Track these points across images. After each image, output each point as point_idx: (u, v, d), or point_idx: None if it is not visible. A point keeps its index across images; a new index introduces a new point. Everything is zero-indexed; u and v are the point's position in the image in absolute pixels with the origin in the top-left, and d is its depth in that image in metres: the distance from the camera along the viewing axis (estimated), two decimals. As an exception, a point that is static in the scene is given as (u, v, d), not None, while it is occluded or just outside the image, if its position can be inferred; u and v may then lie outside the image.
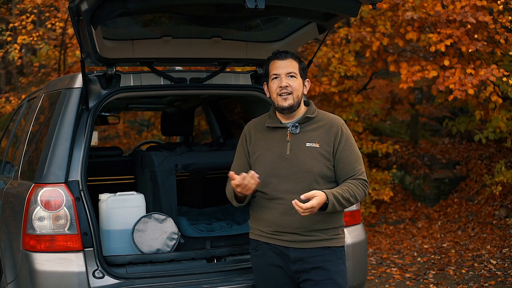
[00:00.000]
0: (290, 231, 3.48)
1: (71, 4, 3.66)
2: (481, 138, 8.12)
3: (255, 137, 3.64)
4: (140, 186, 4.68)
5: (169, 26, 4.28)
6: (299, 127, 3.52)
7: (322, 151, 3.47)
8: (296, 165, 3.45)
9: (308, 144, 3.48)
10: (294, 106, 3.51)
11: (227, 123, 6.20)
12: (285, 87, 3.47)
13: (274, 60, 3.54)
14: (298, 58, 3.57)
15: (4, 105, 10.68)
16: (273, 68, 3.53)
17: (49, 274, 3.65)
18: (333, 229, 3.52)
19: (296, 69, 3.52)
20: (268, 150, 3.55)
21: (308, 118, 3.53)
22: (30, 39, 9.96)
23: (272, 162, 3.51)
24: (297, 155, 3.47)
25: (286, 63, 3.51)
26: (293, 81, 3.50)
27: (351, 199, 3.42)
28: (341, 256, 3.56)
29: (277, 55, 3.55)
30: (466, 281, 6.77)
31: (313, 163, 3.44)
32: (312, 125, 3.53)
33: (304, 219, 3.41)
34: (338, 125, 3.52)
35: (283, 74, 3.50)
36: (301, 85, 3.55)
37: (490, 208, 9.19)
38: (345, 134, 3.52)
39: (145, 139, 10.91)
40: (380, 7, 7.62)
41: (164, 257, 4.02)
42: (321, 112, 3.62)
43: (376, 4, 3.84)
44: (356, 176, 3.49)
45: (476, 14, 7.43)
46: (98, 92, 4.12)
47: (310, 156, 3.45)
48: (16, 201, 4.06)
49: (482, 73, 7.34)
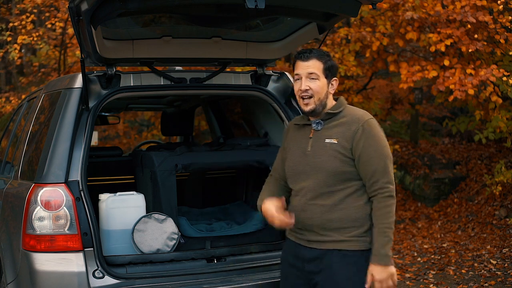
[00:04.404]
0: (307, 229, 3.41)
1: (71, 4, 3.66)
2: (481, 138, 8.12)
3: (289, 134, 3.61)
4: (140, 186, 4.68)
5: (169, 26, 4.27)
6: (321, 123, 3.42)
7: (339, 148, 3.33)
8: (313, 162, 3.38)
9: (327, 141, 3.37)
10: (317, 109, 3.40)
11: (227, 123, 6.19)
12: (305, 90, 3.39)
13: (297, 61, 3.44)
14: (323, 57, 3.41)
15: (4, 105, 10.68)
16: (295, 68, 3.44)
17: (49, 274, 3.64)
18: (349, 229, 3.31)
19: (319, 69, 3.39)
20: (295, 146, 3.51)
21: (330, 114, 3.42)
22: (30, 39, 9.97)
23: (296, 159, 3.47)
24: (316, 151, 3.39)
25: (308, 64, 3.39)
26: (314, 83, 3.38)
27: (391, 231, 3.23)
28: (355, 261, 3.29)
29: (299, 55, 3.43)
30: (466, 281, 6.77)
31: (327, 160, 3.34)
32: (335, 121, 3.41)
33: (319, 217, 3.33)
34: (360, 122, 3.34)
35: (304, 75, 3.40)
36: (323, 87, 3.40)
37: (490, 208, 9.19)
38: (367, 132, 3.32)
39: (145, 139, 10.91)
40: (380, 7, 7.62)
41: (164, 257, 4.02)
42: (349, 108, 3.46)
43: (376, 4, 3.84)
44: (375, 188, 3.28)
45: (476, 14, 7.44)
46: (98, 92, 4.12)
47: (327, 152, 3.35)
48: (16, 201, 4.06)
49: (482, 73, 7.35)
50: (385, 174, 3.29)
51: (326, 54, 3.44)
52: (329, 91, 3.45)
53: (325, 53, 3.45)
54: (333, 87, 3.47)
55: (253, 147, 4.65)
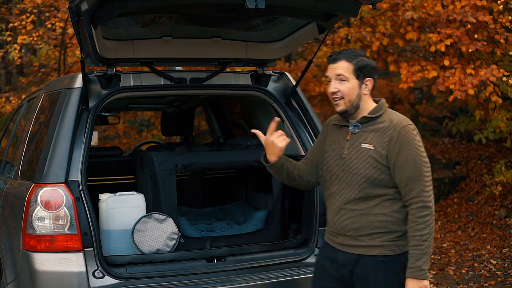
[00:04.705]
0: (341, 233, 3.35)
1: (71, 4, 3.66)
2: (481, 138, 8.12)
3: (328, 134, 3.53)
4: (140, 186, 4.68)
5: (169, 26, 4.27)
6: (359, 126, 3.34)
7: (375, 154, 3.24)
8: (348, 166, 3.31)
9: (364, 145, 3.28)
10: (349, 110, 3.34)
11: (227, 123, 6.19)
12: (334, 93, 3.33)
13: (328, 64, 3.39)
14: (353, 57, 3.32)
15: (4, 105, 10.69)
16: (327, 70, 3.40)
17: (49, 274, 3.64)
18: (380, 234, 3.24)
19: (348, 71, 3.30)
20: (331, 147, 3.45)
21: (367, 118, 3.34)
22: (30, 39, 9.97)
23: (332, 160, 3.41)
24: (351, 155, 3.32)
25: (336, 66, 3.33)
26: (343, 85, 3.30)
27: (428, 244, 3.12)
28: (387, 266, 3.22)
29: (329, 57, 3.38)
30: (466, 281, 6.77)
31: (362, 165, 3.26)
32: (373, 126, 3.31)
33: (351, 222, 3.28)
34: (397, 128, 3.23)
35: (333, 77, 3.34)
36: (354, 88, 3.31)
37: (490, 208, 9.19)
38: (402, 138, 3.21)
39: (145, 139, 10.90)
40: (380, 7, 7.62)
41: (164, 257, 4.02)
42: (388, 113, 3.36)
43: (376, 4, 3.83)
44: (410, 197, 3.17)
45: (476, 14, 7.43)
46: (98, 92, 4.12)
47: (362, 158, 3.27)
48: (16, 201, 4.06)
49: (482, 73, 7.34)
50: (420, 182, 3.17)
51: (357, 54, 3.34)
52: (363, 92, 3.34)
53: (356, 53, 3.35)
54: (368, 87, 3.35)
55: (253, 147, 4.65)
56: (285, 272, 4.11)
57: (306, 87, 8.72)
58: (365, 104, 3.36)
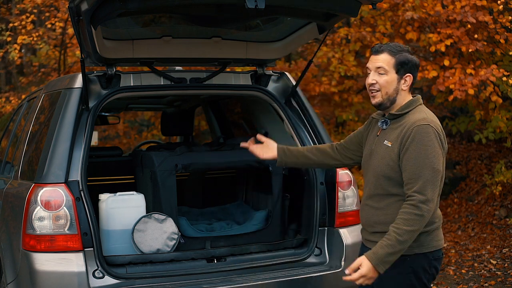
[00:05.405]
0: (363, 227, 3.40)
1: (71, 4, 3.66)
2: (481, 138, 8.11)
3: (372, 125, 3.51)
4: (140, 186, 4.68)
5: (169, 26, 4.28)
6: (387, 122, 3.33)
7: (391, 152, 3.22)
8: (371, 162, 3.34)
9: (385, 142, 3.27)
10: (384, 104, 3.30)
11: (227, 123, 6.19)
12: (371, 84, 3.31)
13: (371, 54, 3.36)
14: (395, 51, 3.27)
15: (4, 105, 10.67)
16: (368, 61, 3.37)
17: (49, 274, 3.65)
18: None
19: (388, 64, 3.25)
20: (368, 141, 3.46)
21: (394, 115, 3.30)
22: (30, 39, 9.96)
23: (365, 155, 3.44)
24: (375, 152, 3.33)
25: (377, 58, 3.29)
26: (381, 77, 3.26)
27: (400, 239, 3.03)
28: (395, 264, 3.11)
29: (373, 48, 3.35)
30: (466, 281, 6.77)
31: (380, 162, 3.26)
32: (398, 123, 3.28)
33: (368, 216, 3.31)
34: (412, 125, 3.18)
35: (373, 69, 3.31)
36: (392, 82, 3.26)
37: (490, 208, 9.19)
38: (413, 136, 3.15)
39: (145, 139, 10.89)
40: (380, 7, 7.61)
41: (164, 257, 4.02)
42: (418, 110, 3.28)
43: (376, 4, 3.84)
44: (407, 195, 3.13)
45: (476, 14, 7.43)
46: (98, 92, 4.13)
47: (381, 154, 3.27)
48: (16, 201, 4.06)
49: (482, 73, 7.34)
50: (419, 182, 3.09)
51: (401, 49, 3.29)
52: (401, 88, 3.29)
53: (400, 48, 3.30)
54: (407, 83, 3.29)
55: (253, 147, 4.65)
56: (285, 272, 4.11)
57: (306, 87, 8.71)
58: (401, 100, 3.32)
